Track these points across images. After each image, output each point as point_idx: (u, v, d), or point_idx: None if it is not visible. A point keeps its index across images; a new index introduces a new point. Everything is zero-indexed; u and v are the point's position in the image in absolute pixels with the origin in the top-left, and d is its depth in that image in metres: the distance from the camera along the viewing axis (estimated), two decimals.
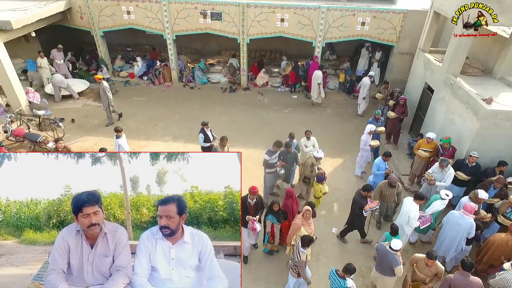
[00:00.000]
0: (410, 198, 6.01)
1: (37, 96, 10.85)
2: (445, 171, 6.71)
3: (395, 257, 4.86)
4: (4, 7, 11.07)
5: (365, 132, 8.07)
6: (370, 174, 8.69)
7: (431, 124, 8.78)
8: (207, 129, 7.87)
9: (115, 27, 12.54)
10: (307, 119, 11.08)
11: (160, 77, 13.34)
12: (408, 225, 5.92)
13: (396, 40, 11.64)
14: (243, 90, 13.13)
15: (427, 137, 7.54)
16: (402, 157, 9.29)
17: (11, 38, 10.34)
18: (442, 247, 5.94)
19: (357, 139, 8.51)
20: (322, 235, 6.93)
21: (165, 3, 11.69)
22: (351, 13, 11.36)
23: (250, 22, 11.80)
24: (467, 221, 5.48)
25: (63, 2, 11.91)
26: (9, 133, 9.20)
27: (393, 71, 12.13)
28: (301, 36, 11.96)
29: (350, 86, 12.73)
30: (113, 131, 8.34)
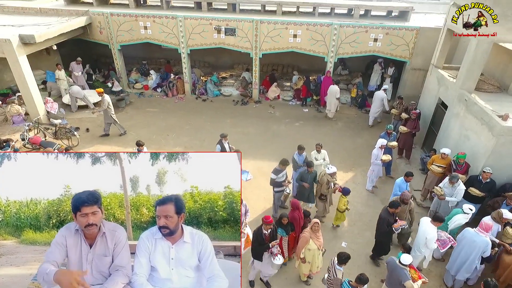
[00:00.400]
0: (427, 219, 5.79)
1: (55, 106, 11.18)
2: (455, 187, 6.57)
3: (404, 272, 4.71)
4: (29, 22, 11.64)
5: (376, 146, 7.98)
6: (381, 188, 8.57)
7: (444, 140, 8.62)
8: (225, 141, 7.93)
9: (132, 41, 12.97)
10: (318, 133, 11.05)
11: (173, 89, 13.62)
12: (425, 246, 5.67)
13: (409, 56, 11.63)
14: (255, 103, 13.26)
15: (442, 153, 7.40)
16: (415, 172, 9.03)
17: (34, 51, 10.81)
18: (456, 265, 5.71)
19: (368, 153, 8.41)
20: (332, 249, 6.76)
21: (181, 19, 12.06)
22: (364, 30, 11.46)
23: (263, 37, 12.03)
24: (482, 239, 5.28)
25: (84, 18, 12.44)
26: (26, 140, 9.46)
27: (405, 86, 12.07)
28: (313, 52, 12.09)
29: (362, 101, 12.69)
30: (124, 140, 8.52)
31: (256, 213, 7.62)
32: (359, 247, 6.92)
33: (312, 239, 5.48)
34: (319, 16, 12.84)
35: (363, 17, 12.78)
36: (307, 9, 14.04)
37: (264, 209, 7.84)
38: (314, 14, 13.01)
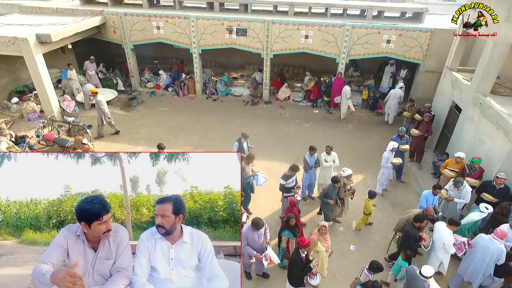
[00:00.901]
0: (442, 224, 5.70)
1: (72, 105, 11.34)
2: (461, 190, 6.50)
3: (423, 284, 4.52)
4: (46, 22, 11.91)
5: (387, 149, 7.88)
6: (391, 192, 8.46)
7: (458, 144, 8.46)
8: (244, 141, 7.92)
9: (145, 41, 13.13)
10: (328, 134, 10.98)
11: (184, 89, 13.73)
12: (443, 251, 5.58)
13: (422, 58, 11.45)
14: (265, 103, 13.25)
15: (456, 157, 7.27)
16: (426, 176, 8.95)
17: (50, 49, 11.05)
18: (468, 271, 5.58)
19: (379, 156, 8.32)
20: (340, 252, 6.72)
21: (193, 19, 12.15)
22: (376, 31, 11.33)
23: (275, 38, 12.03)
24: (496, 246, 5.15)
25: (99, 17, 12.66)
26: (40, 137, 9.69)
27: (418, 89, 11.88)
28: (325, 53, 12.02)
29: (374, 103, 12.55)
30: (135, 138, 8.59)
31: (265, 214, 7.62)
32: (368, 250, 6.84)
33: (320, 241, 5.45)
34: (331, 17, 12.76)
35: (376, 18, 12.65)
36: (319, 10, 13.97)
37: (272, 210, 7.83)
38: (326, 15, 12.94)
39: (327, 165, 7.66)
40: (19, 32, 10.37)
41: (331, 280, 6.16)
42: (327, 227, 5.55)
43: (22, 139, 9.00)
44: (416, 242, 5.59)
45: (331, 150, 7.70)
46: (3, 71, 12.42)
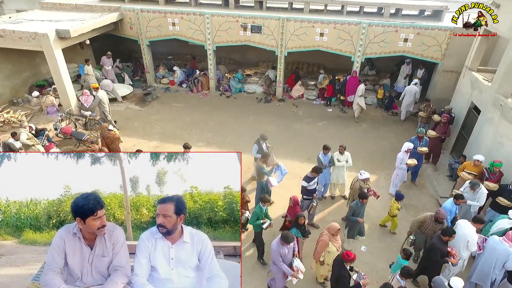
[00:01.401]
0: (465, 222, 5.59)
1: (90, 99, 11.56)
2: (476, 192, 6.35)
3: None
4: (64, 18, 12.19)
5: (402, 150, 7.74)
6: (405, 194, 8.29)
7: (476, 146, 8.23)
8: (263, 142, 7.85)
9: (160, 37, 13.27)
10: (341, 133, 10.86)
11: (198, 85, 13.83)
12: (466, 249, 5.48)
13: (440, 57, 11.16)
14: (278, 101, 13.21)
15: (475, 160, 7.07)
16: (442, 179, 8.76)
17: (69, 45, 11.31)
18: (476, 272, 5.48)
19: (393, 157, 8.18)
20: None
21: (208, 16, 12.20)
22: (394, 29, 11.11)
23: (289, 35, 11.95)
24: (505, 248, 5.06)
25: (116, 14, 12.86)
26: (58, 130, 9.95)
27: (436, 89, 11.60)
28: (340, 51, 11.87)
29: (389, 103, 12.33)
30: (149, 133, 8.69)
31: (277, 213, 7.62)
32: (379, 252, 6.76)
33: (331, 241, 5.42)
34: (348, 14, 12.58)
35: (393, 16, 12.39)
36: (335, 7, 13.78)
37: (284, 209, 7.79)
38: (342, 13, 12.76)
39: (339, 165, 7.59)
40: (40, 28, 10.65)
41: None
42: (340, 229, 5.51)
43: (41, 131, 9.26)
44: (443, 257, 5.28)
45: (344, 149, 7.62)
46: (24, 66, 12.79)
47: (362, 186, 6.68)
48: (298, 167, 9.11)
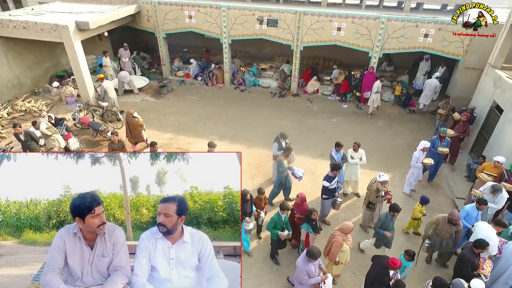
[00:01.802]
0: (485, 224, 5.45)
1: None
2: (497, 195, 6.14)
3: None
4: (84, 10, 12.40)
5: (417, 148, 7.57)
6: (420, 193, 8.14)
7: (497, 147, 7.96)
8: (283, 140, 7.77)
9: (176, 30, 13.34)
10: (356, 130, 10.71)
11: (213, 79, 13.87)
12: (486, 252, 5.28)
13: (462, 54, 10.79)
14: (293, 96, 13.12)
15: (495, 161, 6.85)
16: (459, 179, 8.54)
17: (88, 37, 11.52)
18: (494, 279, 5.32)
19: (409, 155, 8.01)
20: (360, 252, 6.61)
21: (225, 9, 12.16)
22: (414, 24, 10.79)
23: (306, 29, 11.79)
24: None
25: (134, 6, 13.00)
26: (76, 120, 10.20)
27: (456, 86, 11.25)
28: (357, 46, 11.64)
29: (406, 100, 12.05)
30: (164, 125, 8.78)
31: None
32: (391, 252, 6.65)
33: (344, 241, 5.39)
34: (366, 8, 12.30)
35: (414, 10, 12.03)
36: (354, 1, 13.50)
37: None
38: (361, 7, 12.49)
39: (353, 162, 7.49)
40: (60, 20, 10.88)
41: (350, 278, 6.09)
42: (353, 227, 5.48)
43: (60, 121, 9.51)
44: (474, 270, 5.04)
45: (358, 147, 7.51)
46: (45, 57, 13.13)
47: (379, 188, 6.46)
48: (311, 163, 9.05)
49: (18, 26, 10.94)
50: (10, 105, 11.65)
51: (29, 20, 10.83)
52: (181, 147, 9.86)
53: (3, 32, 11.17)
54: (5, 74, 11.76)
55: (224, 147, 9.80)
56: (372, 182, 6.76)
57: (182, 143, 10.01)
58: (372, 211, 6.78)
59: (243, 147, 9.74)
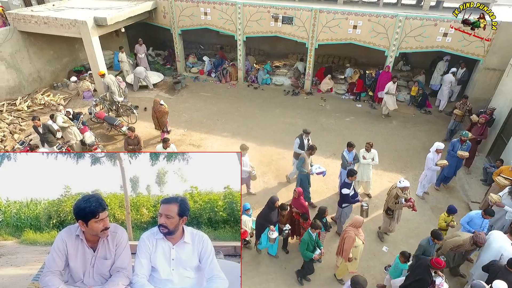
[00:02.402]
0: (499, 233, 5.29)
1: (122, 86, 12.03)
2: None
3: None
4: (102, 6, 12.64)
5: (431, 150, 7.40)
6: (433, 195, 7.99)
7: None
8: (306, 137, 7.75)
9: (192, 27, 13.44)
10: (369, 130, 10.56)
11: (227, 76, 13.92)
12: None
13: (483, 54, 10.47)
14: (306, 94, 13.04)
15: None
16: (474, 183, 8.32)
17: (105, 32, 11.75)
18: None
19: (423, 157, 7.87)
20: (371, 252, 6.55)
21: (240, 6, 12.17)
22: (433, 23, 10.53)
23: (321, 27, 11.68)
24: None
25: (151, 2, 13.16)
26: (92, 114, 10.44)
27: (475, 87, 10.93)
28: (373, 44, 11.46)
29: (423, 100, 11.78)
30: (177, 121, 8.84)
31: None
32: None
33: (356, 236, 5.37)
34: (384, 6, 12.07)
35: (433, 8, 11.74)
36: None
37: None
38: (378, 5, 12.27)
39: (365, 162, 7.40)
40: (79, 15, 11.13)
41: None
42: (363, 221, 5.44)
43: (77, 115, 9.74)
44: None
45: (371, 147, 7.40)
46: (64, 51, 13.47)
47: (399, 195, 6.14)
48: (322, 162, 8.99)
49: (39, 22, 11.26)
50: (30, 98, 12.03)
51: (50, 16, 11.12)
52: (194, 143, 9.96)
53: (26, 27, 11.51)
54: (26, 68, 12.12)
55: (236, 144, 9.81)
56: (392, 187, 6.43)
57: (194, 139, 10.11)
58: (390, 218, 6.49)
59: (255, 145, 9.76)
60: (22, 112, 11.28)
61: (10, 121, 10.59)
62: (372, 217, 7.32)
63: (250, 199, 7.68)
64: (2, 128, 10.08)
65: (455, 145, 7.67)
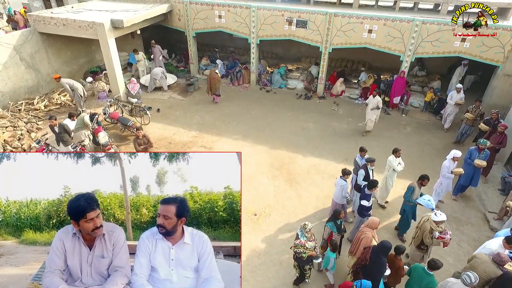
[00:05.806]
0: (496, 241, 5.17)
1: (136, 87, 12.16)
2: None
3: None
4: (119, 8, 12.88)
5: (447, 157, 7.23)
6: (448, 204, 7.78)
7: None
8: (371, 167, 6.86)
9: (206, 29, 13.55)
10: (383, 136, 10.39)
11: (240, 79, 13.96)
12: None
13: (502, 60, 10.18)
14: (318, 98, 12.94)
15: None
16: (492, 192, 8.07)
17: (121, 34, 11.96)
18: None
19: (437, 164, 7.69)
20: None
21: (254, 9, 12.20)
22: (450, 28, 10.31)
23: (335, 31, 11.59)
24: None
25: (166, 5, 13.34)
26: (107, 115, 10.61)
27: (493, 94, 10.63)
28: (389, 49, 11.30)
29: (438, 106, 11.54)
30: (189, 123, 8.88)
31: (308, 212, 7.55)
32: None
33: (373, 237, 5.31)
34: (400, 11, 11.90)
35: (451, 13, 11.50)
36: (387, 3, 13.11)
37: (316, 208, 7.69)
38: (394, 9, 12.11)
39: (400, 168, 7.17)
40: (97, 18, 11.37)
41: None
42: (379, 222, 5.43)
43: (93, 115, 9.92)
44: None
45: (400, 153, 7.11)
46: (81, 53, 13.77)
47: (434, 229, 5.56)
48: (333, 167, 8.89)
49: (58, 23, 11.54)
50: (47, 98, 12.32)
51: (69, 18, 11.39)
52: (205, 145, 10.00)
53: (45, 29, 11.82)
54: (44, 69, 12.43)
55: (246, 147, 9.83)
56: (423, 220, 5.82)
57: (206, 141, 10.15)
58: (424, 253, 6.02)
59: (266, 148, 9.73)
60: (39, 111, 11.56)
61: (28, 120, 10.86)
62: (384, 225, 7.18)
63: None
64: (20, 126, 10.35)
65: (472, 153, 7.44)
